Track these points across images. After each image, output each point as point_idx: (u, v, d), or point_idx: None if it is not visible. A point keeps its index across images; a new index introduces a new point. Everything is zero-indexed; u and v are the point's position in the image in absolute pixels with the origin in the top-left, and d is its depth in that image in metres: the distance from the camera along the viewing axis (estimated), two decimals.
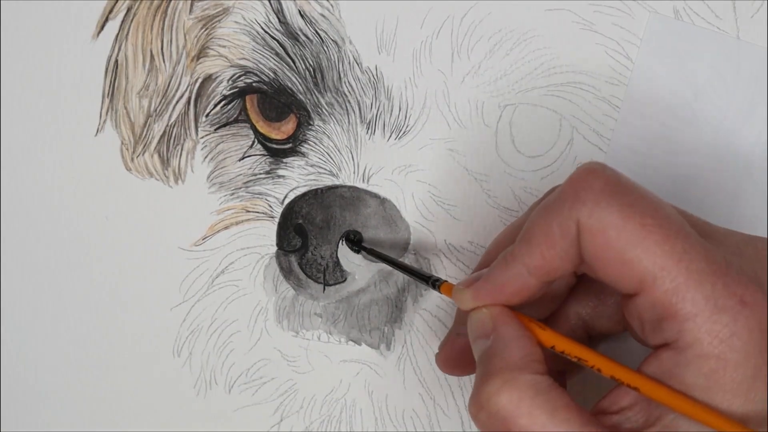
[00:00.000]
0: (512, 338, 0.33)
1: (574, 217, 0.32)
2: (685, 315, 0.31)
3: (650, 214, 0.31)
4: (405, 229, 0.43)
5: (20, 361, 0.45)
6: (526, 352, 0.33)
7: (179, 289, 0.44)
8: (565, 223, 0.32)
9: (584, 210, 0.32)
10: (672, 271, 0.31)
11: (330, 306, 0.44)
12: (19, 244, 0.45)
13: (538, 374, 0.32)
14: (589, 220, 0.32)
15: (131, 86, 0.44)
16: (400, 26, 0.42)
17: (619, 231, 0.31)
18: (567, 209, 0.32)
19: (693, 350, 0.31)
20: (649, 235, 0.31)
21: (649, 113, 0.42)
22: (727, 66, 0.42)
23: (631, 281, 0.32)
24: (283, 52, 0.43)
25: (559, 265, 0.33)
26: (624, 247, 0.31)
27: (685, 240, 0.31)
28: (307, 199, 0.43)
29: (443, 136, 0.43)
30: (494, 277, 0.34)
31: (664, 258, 0.31)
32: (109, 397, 0.45)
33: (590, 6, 0.42)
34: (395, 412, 0.44)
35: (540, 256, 0.33)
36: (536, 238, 0.33)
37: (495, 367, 0.32)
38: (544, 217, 0.33)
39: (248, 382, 0.44)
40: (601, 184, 0.32)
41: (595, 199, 0.32)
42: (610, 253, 0.31)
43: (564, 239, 0.32)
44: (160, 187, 0.44)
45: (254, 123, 0.44)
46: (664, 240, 0.31)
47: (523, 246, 0.33)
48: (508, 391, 0.32)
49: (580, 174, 0.33)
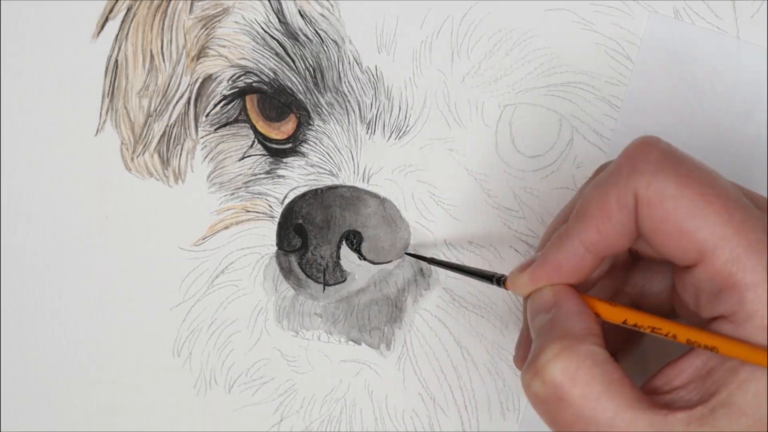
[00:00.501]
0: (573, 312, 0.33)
1: (631, 188, 0.32)
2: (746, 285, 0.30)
3: (708, 183, 0.31)
4: (405, 229, 0.43)
5: (20, 361, 0.45)
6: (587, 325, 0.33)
7: (179, 289, 0.44)
8: (623, 195, 0.32)
9: (642, 181, 0.31)
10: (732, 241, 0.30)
11: (330, 306, 0.44)
12: (19, 244, 0.45)
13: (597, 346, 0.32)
14: (647, 191, 0.31)
15: (131, 86, 0.44)
16: (400, 26, 0.42)
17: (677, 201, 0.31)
18: (623, 181, 0.32)
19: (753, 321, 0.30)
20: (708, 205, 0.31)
21: (649, 113, 0.42)
22: (727, 66, 0.42)
23: (689, 252, 0.31)
24: (283, 52, 0.43)
25: (616, 239, 0.33)
26: (683, 217, 0.31)
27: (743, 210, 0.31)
28: (307, 199, 0.43)
29: (443, 136, 0.43)
30: (550, 256, 0.34)
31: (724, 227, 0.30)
32: (109, 397, 0.45)
33: (590, 6, 0.42)
34: (395, 412, 0.44)
35: (596, 230, 0.32)
36: (591, 212, 0.33)
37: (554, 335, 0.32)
38: (601, 191, 0.32)
39: (248, 382, 0.44)
40: (657, 155, 0.32)
41: (653, 170, 0.31)
42: (668, 224, 0.31)
43: (621, 212, 0.32)
44: (160, 187, 0.44)
45: (254, 123, 0.44)
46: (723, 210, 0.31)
47: (579, 222, 0.33)
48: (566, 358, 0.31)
49: (635, 146, 0.33)
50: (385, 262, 0.43)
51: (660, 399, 0.32)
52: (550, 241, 0.34)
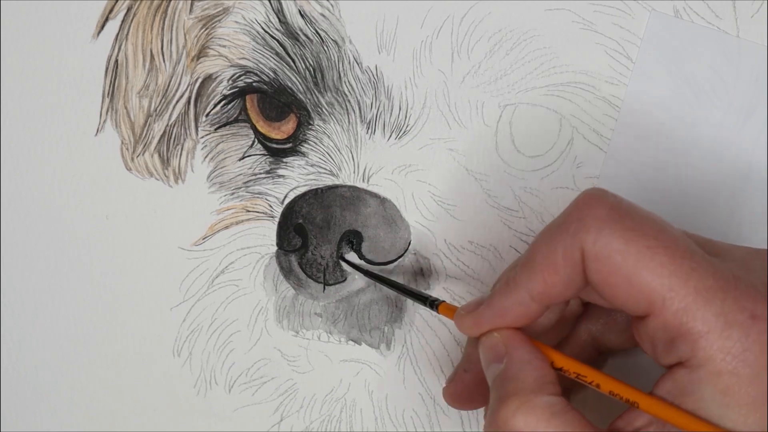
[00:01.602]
0: (526, 361, 0.34)
1: (578, 244, 0.32)
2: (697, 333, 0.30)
3: (654, 235, 0.31)
4: (405, 229, 0.43)
5: (20, 361, 0.45)
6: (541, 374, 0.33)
7: (179, 289, 0.44)
8: (569, 249, 0.32)
9: (588, 237, 0.32)
10: (680, 291, 0.31)
11: (330, 306, 0.44)
12: (19, 244, 0.45)
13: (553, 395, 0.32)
14: (594, 246, 0.32)
15: (131, 86, 0.44)
16: (400, 26, 0.42)
17: (624, 255, 0.31)
18: (570, 236, 0.32)
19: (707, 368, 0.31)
20: (655, 257, 0.31)
21: (649, 113, 0.42)
22: (727, 66, 0.42)
23: (640, 304, 0.32)
24: (283, 51, 0.43)
25: (562, 291, 0.33)
26: (630, 271, 0.31)
27: (691, 258, 0.31)
28: (307, 198, 0.43)
29: (443, 136, 0.43)
30: (496, 302, 0.35)
31: (672, 278, 0.31)
32: (109, 397, 0.45)
33: (590, 6, 0.42)
34: (395, 411, 0.44)
35: (542, 281, 0.33)
36: (539, 264, 0.33)
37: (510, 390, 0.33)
38: (547, 244, 0.33)
39: (248, 382, 0.44)
40: (604, 211, 0.32)
41: (599, 225, 0.32)
42: (617, 278, 0.31)
43: (567, 266, 0.32)
44: (160, 186, 0.44)
45: (254, 123, 0.44)
46: (670, 261, 0.31)
47: (526, 272, 0.33)
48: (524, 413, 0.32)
49: (582, 201, 0.33)
50: (385, 263, 0.43)
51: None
52: (498, 285, 0.35)
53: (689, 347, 0.31)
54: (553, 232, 0.33)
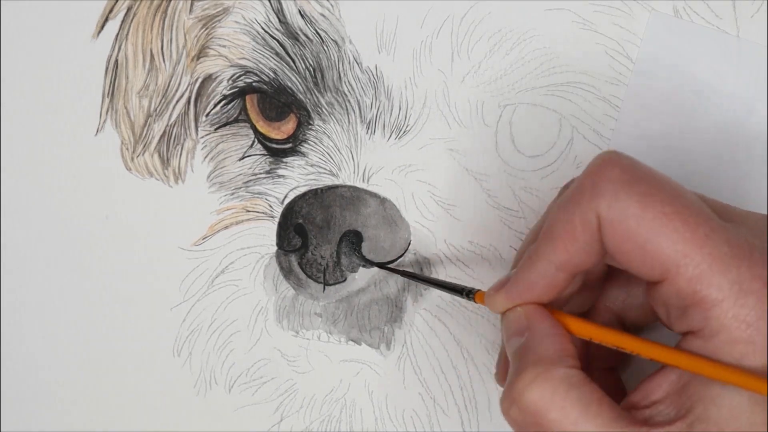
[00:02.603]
0: (546, 334, 0.33)
1: (593, 209, 0.32)
2: (711, 301, 0.30)
3: (669, 201, 0.31)
4: (405, 229, 0.43)
5: (20, 361, 0.45)
6: (560, 347, 0.33)
7: (179, 289, 0.44)
8: (586, 215, 0.32)
9: (603, 202, 0.31)
10: (695, 258, 0.30)
11: (330, 306, 0.44)
12: (19, 244, 0.45)
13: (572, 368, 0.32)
14: (609, 212, 0.31)
15: (131, 86, 0.44)
16: (400, 26, 0.42)
17: (639, 221, 0.31)
18: (586, 202, 0.32)
19: (720, 336, 0.30)
20: (670, 223, 0.31)
21: (649, 113, 0.42)
22: (727, 65, 0.42)
23: (654, 270, 0.31)
24: (283, 51, 0.43)
25: (585, 258, 0.33)
26: (645, 236, 0.31)
27: (706, 225, 0.31)
28: (307, 198, 0.43)
29: (443, 136, 0.43)
30: (522, 276, 0.34)
31: (686, 245, 0.30)
32: (109, 396, 0.45)
33: (590, 6, 0.42)
34: (395, 412, 0.44)
35: (564, 250, 0.33)
36: (558, 233, 0.33)
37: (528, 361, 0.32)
38: (564, 212, 0.33)
39: (248, 382, 0.44)
40: (618, 174, 0.32)
41: (614, 189, 0.31)
42: (631, 244, 0.31)
43: (586, 232, 0.32)
44: (160, 186, 0.44)
45: (254, 123, 0.44)
46: (684, 227, 0.31)
47: (547, 242, 0.33)
48: (541, 384, 0.31)
49: (596, 165, 0.33)
50: (385, 263, 0.43)
51: (639, 414, 0.32)
52: (522, 260, 0.35)
53: (703, 315, 0.31)
54: (569, 200, 0.33)
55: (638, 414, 0.32)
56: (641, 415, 0.32)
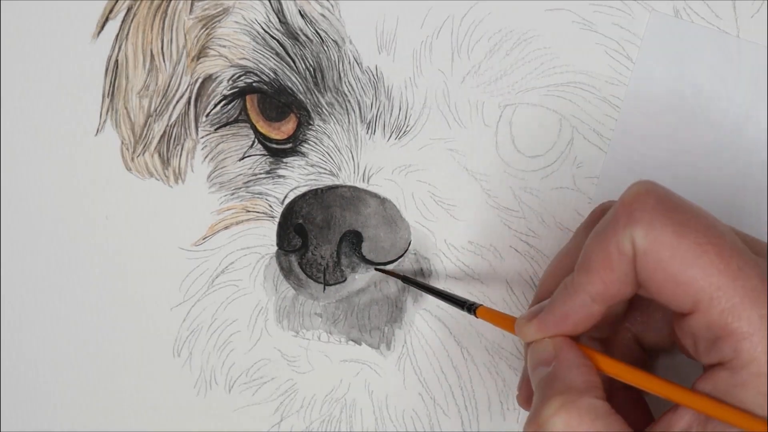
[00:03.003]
0: (574, 365, 0.34)
1: (628, 237, 0.32)
2: (742, 334, 0.30)
3: (704, 232, 0.31)
4: (405, 229, 0.43)
5: (20, 361, 0.45)
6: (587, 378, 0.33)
7: (179, 289, 0.44)
8: (621, 245, 0.32)
9: (639, 230, 0.31)
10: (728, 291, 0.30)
11: (330, 306, 0.44)
12: (19, 244, 0.45)
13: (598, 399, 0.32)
14: (644, 240, 0.31)
15: (131, 86, 0.44)
16: (400, 26, 0.42)
17: (674, 251, 0.31)
18: (621, 230, 0.32)
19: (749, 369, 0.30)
20: (704, 255, 0.31)
21: (649, 113, 0.42)
22: (727, 66, 0.42)
23: (686, 301, 0.31)
24: (284, 51, 0.43)
25: (621, 288, 0.33)
26: (679, 267, 0.31)
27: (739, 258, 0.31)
28: (307, 198, 0.43)
29: (443, 136, 0.43)
30: (558, 307, 0.34)
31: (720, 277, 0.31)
32: (109, 397, 0.45)
33: (590, 6, 0.42)
34: (395, 412, 0.44)
35: (601, 282, 0.33)
36: (595, 263, 0.33)
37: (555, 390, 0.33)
38: (601, 242, 0.33)
39: (248, 382, 0.44)
40: (653, 203, 0.32)
41: (649, 218, 0.31)
42: (665, 274, 0.31)
43: (622, 262, 0.32)
44: (160, 187, 0.44)
45: (254, 123, 0.44)
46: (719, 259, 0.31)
47: (583, 274, 0.33)
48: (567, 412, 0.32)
49: (631, 194, 0.33)
50: (385, 263, 0.43)
51: None
52: (557, 291, 0.35)
53: (732, 348, 0.31)
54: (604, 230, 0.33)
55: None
56: None
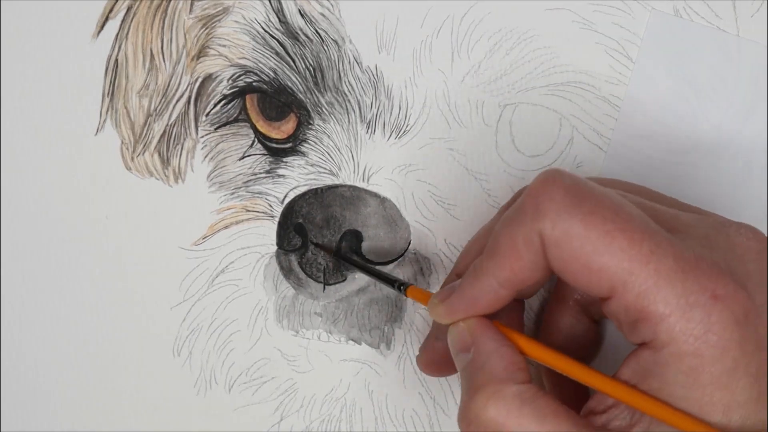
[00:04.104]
0: (492, 350, 0.34)
1: (536, 229, 0.32)
2: (659, 316, 0.30)
3: (612, 218, 0.31)
4: (405, 229, 0.43)
5: (20, 361, 0.45)
6: (508, 362, 0.33)
7: (179, 289, 0.44)
8: (528, 236, 0.32)
9: (546, 223, 0.32)
10: (640, 275, 0.31)
11: (330, 305, 0.44)
12: (19, 244, 0.45)
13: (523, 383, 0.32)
14: (553, 232, 0.31)
15: (131, 85, 0.44)
16: (400, 26, 0.42)
17: (582, 241, 0.31)
18: (529, 221, 0.32)
19: (669, 349, 0.31)
20: (614, 241, 0.31)
21: (649, 113, 0.42)
22: (727, 65, 0.42)
23: (601, 288, 0.32)
24: (283, 51, 0.43)
25: (529, 275, 0.33)
26: (589, 256, 0.31)
27: (651, 240, 0.31)
28: (307, 198, 0.43)
29: (443, 135, 0.43)
30: (466, 290, 0.35)
31: (631, 262, 0.31)
32: (109, 397, 0.45)
33: (590, 5, 0.42)
34: (395, 411, 0.44)
35: (509, 268, 0.33)
36: (503, 250, 0.33)
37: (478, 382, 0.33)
38: (508, 230, 0.33)
39: (248, 382, 0.44)
40: (561, 194, 0.32)
41: (556, 210, 0.32)
42: (577, 264, 0.31)
43: (529, 251, 0.32)
44: (160, 186, 0.44)
45: (254, 122, 0.44)
46: (629, 244, 0.31)
47: (491, 259, 0.33)
48: (495, 404, 0.32)
49: (539, 184, 0.33)
50: (385, 263, 0.43)
51: (597, 420, 0.33)
52: (466, 274, 0.35)
53: (651, 329, 0.31)
54: (512, 218, 0.33)
55: (596, 419, 0.33)
56: (599, 420, 0.33)
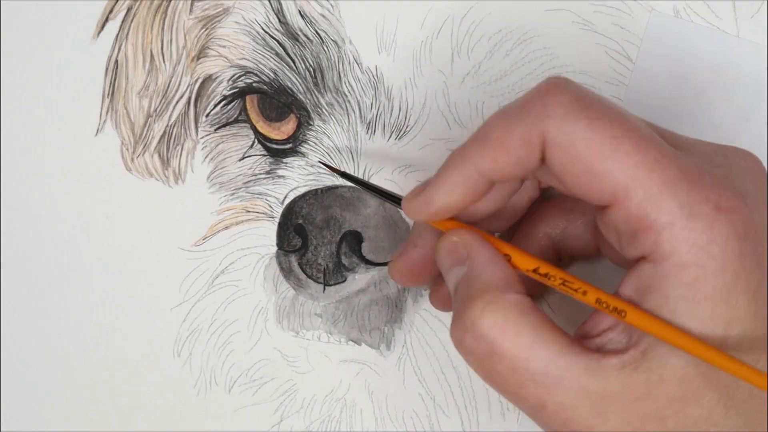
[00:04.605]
0: (489, 261, 0.33)
1: (539, 129, 0.31)
2: (661, 225, 0.30)
3: (619, 125, 0.31)
4: (405, 230, 0.43)
5: (20, 361, 0.45)
6: (506, 273, 0.33)
7: (179, 289, 0.44)
8: (528, 133, 0.31)
9: (552, 124, 0.31)
10: (645, 182, 0.30)
11: (330, 306, 0.44)
12: (19, 244, 0.45)
13: (520, 294, 0.32)
14: (558, 134, 0.31)
15: (131, 86, 0.44)
16: (400, 26, 0.42)
17: (588, 143, 0.30)
18: (532, 120, 0.31)
19: (671, 260, 0.30)
20: (620, 146, 0.30)
21: (649, 113, 0.42)
22: (727, 66, 0.42)
23: (603, 194, 0.31)
24: (283, 52, 0.43)
25: (510, 171, 0.32)
26: (594, 159, 0.30)
27: (656, 150, 0.31)
28: (307, 199, 0.43)
29: (443, 136, 0.43)
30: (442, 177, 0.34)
31: (636, 168, 0.30)
32: (109, 396, 0.45)
33: (590, 6, 0.42)
34: (395, 412, 0.44)
35: (492, 160, 0.32)
36: (493, 140, 0.32)
37: (476, 290, 0.32)
38: (505, 124, 0.32)
39: (248, 382, 0.44)
40: (569, 98, 0.31)
41: (563, 113, 0.31)
42: (580, 167, 0.31)
43: (522, 148, 0.32)
44: (160, 187, 0.44)
45: (254, 123, 0.44)
46: (635, 150, 0.30)
47: (476, 147, 0.33)
48: (493, 311, 0.31)
49: (546, 87, 0.32)
50: (385, 263, 0.43)
51: (591, 343, 0.32)
52: (445, 161, 0.34)
53: (653, 239, 0.30)
54: (512, 114, 0.32)
55: (590, 343, 0.32)
56: (593, 343, 0.32)
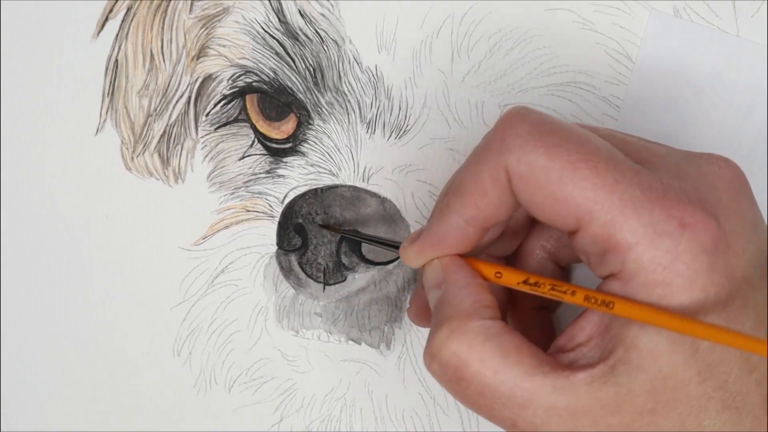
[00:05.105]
0: (461, 286, 0.33)
1: (502, 164, 0.32)
2: (626, 245, 0.30)
3: (576, 150, 0.31)
4: (405, 229, 0.43)
5: (20, 361, 0.45)
6: (475, 298, 0.33)
7: (179, 289, 0.44)
8: (494, 171, 0.32)
9: (512, 156, 0.31)
10: (606, 204, 0.30)
11: (330, 305, 0.44)
12: (19, 244, 0.45)
13: (488, 319, 0.32)
14: (518, 165, 0.31)
15: (131, 86, 0.44)
16: (400, 26, 0.42)
17: (547, 171, 0.31)
18: (494, 157, 0.32)
19: (638, 279, 0.30)
20: (577, 171, 0.31)
21: (649, 113, 0.42)
22: (727, 65, 0.42)
23: (568, 220, 0.31)
24: (283, 51, 0.43)
25: (495, 212, 0.33)
26: (554, 187, 0.31)
27: (615, 170, 0.31)
28: (307, 198, 0.43)
29: (443, 135, 0.43)
30: (433, 230, 0.34)
31: (596, 191, 0.30)
32: (109, 396, 0.45)
33: (590, 6, 0.42)
34: (395, 411, 0.44)
35: (474, 206, 0.33)
36: (467, 188, 0.33)
37: (444, 316, 0.32)
38: (474, 167, 0.33)
39: (248, 382, 0.44)
40: (527, 129, 0.32)
41: (521, 144, 0.31)
42: (542, 196, 0.31)
43: (495, 187, 0.32)
44: (160, 186, 0.44)
45: (254, 122, 0.44)
46: (593, 173, 0.30)
47: (457, 197, 0.33)
48: (457, 338, 0.32)
49: (504, 120, 0.32)
50: (385, 263, 0.43)
51: (564, 358, 0.32)
52: (433, 213, 0.35)
53: (619, 260, 0.31)
54: (478, 155, 0.33)
55: (563, 357, 0.32)
56: (566, 358, 0.32)
